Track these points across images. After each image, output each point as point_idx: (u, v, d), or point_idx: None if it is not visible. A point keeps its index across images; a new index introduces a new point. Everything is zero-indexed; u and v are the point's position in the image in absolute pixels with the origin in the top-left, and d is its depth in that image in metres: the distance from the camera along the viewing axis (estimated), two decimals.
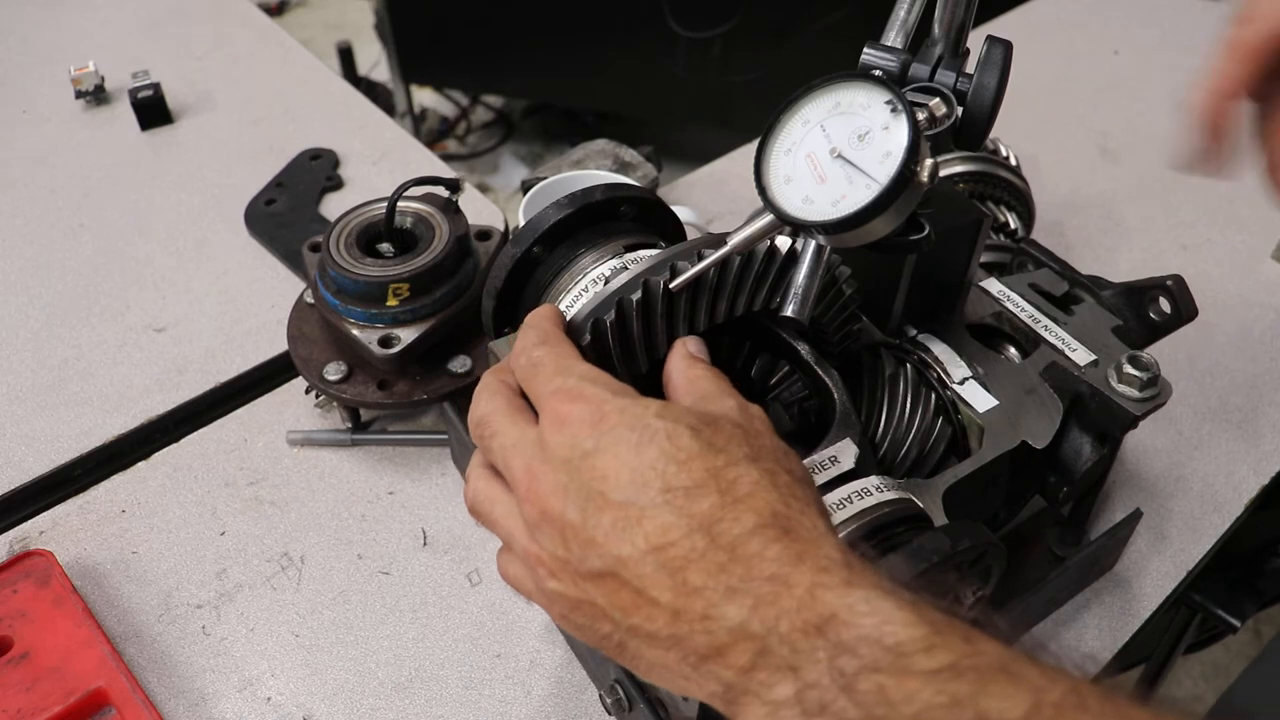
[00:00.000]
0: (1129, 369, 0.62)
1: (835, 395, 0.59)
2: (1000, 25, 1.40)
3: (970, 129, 0.54)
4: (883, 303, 0.66)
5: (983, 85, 0.53)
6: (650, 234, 0.67)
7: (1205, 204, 1.12)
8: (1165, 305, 0.70)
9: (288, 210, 1.06)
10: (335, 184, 1.10)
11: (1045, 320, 0.69)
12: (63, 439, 0.85)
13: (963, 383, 0.65)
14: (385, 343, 0.79)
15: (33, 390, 0.89)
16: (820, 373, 0.60)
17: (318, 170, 1.12)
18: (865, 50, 0.55)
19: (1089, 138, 1.22)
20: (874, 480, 0.55)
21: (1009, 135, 0.91)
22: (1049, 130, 1.22)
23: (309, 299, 0.87)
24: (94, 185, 1.11)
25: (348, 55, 2.55)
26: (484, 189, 2.54)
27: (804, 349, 0.61)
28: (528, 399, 0.51)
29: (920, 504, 0.56)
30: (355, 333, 0.80)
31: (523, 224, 0.66)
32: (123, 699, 0.66)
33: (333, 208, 1.08)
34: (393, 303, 0.79)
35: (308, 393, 0.87)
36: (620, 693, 0.64)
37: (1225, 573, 0.99)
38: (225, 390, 0.90)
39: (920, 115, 0.50)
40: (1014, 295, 0.71)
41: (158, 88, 1.17)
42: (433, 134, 2.79)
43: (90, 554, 0.77)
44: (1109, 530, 0.74)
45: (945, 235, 0.61)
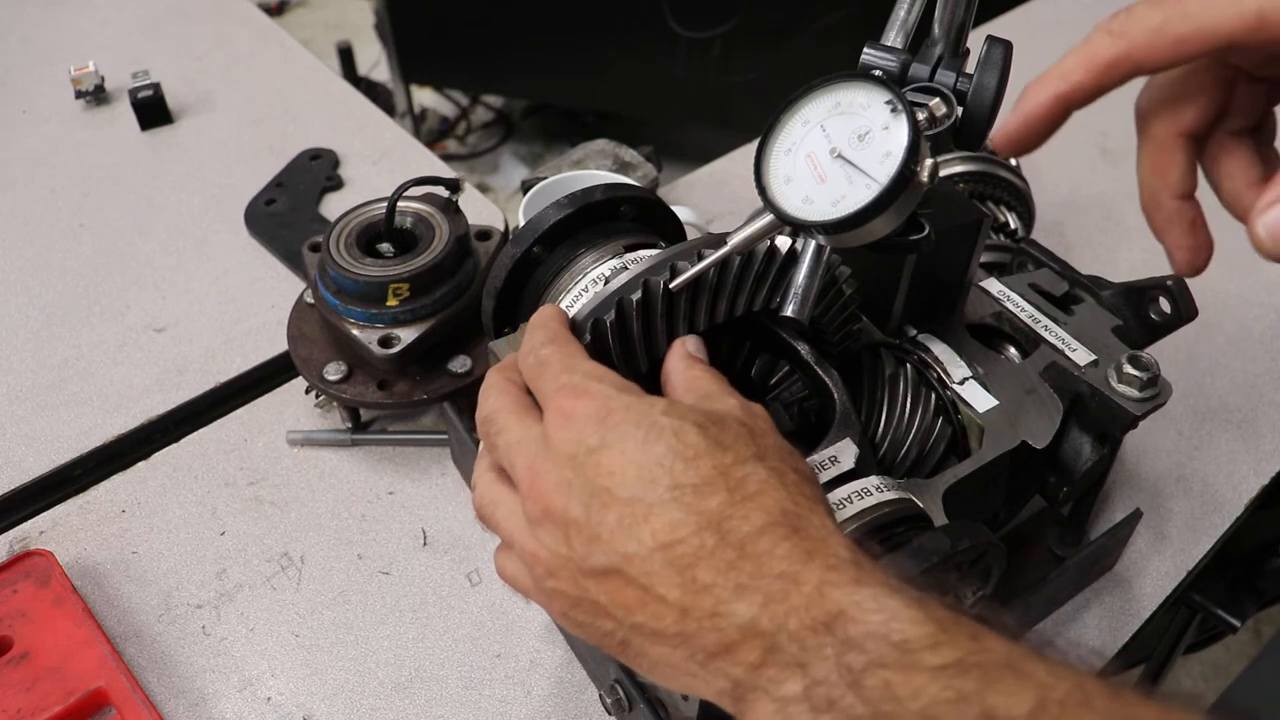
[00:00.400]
0: (1129, 369, 0.62)
1: (835, 395, 0.59)
2: (1000, 25, 1.40)
3: (970, 129, 0.54)
4: (883, 303, 0.66)
5: (983, 85, 0.53)
6: (650, 234, 0.67)
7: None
8: (1165, 305, 0.70)
9: (288, 210, 1.06)
10: (335, 184, 1.10)
11: (1045, 320, 0.69)
12: (63, 439, 0.85)
13: (963, 383, 0.65)
14: (385, 343, 0.79)
15: (33, 390, 0.89)
16: (820, 373, 0.60)
17: (318, 170, 1.11)
18: (865, 50, 0.55)
19: (1089, 138, 1.22)
20: (874, 480, 0.55)
21: None
22: None
23: (309, 299, 0.87)
24: (94, 185, 1.11)
25: (348, 55, 2.55)
26: (484, 189, 2.54)
27: (804, 349, 0.61)
28: (535, 397, 0.51)
29: (920, 504, 0.56)
30: (355, 333, 0.80)
31: (523, 224, 0.66)
32: (123, 699, 0.66)
33: (333, 208, 1.08)
34: (393, 303, 0.79)
35: (308, 393, 0.87)
36: (620, 693, 0.64)
37: (1225, 573, 0.99)
38: (225, 390, 0.90)
39: (920, 115, 0.50)
40: (1014, 295, 0.71)
41: (158, 88, 1.17)
42: (433, 134, 2.79)
43: (90, 554, 0.77)
44: (1109, 530, 0.74)
45: (945, 235, 0.61)
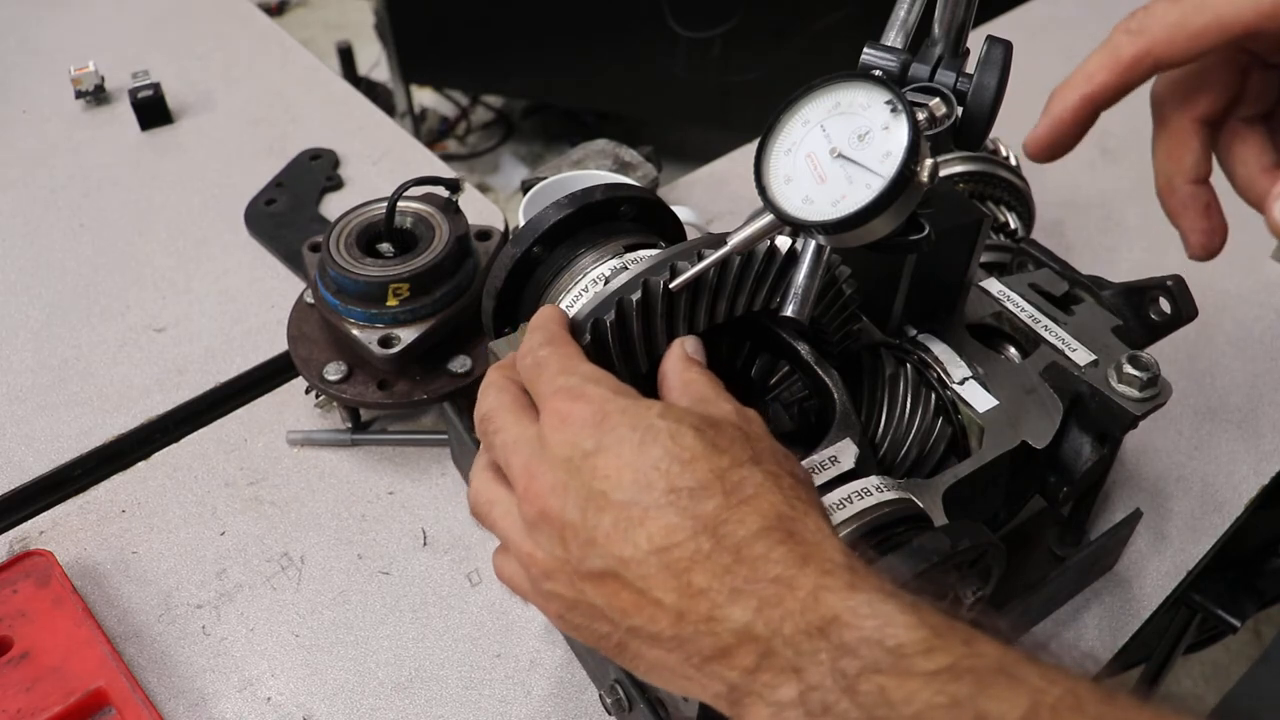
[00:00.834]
0: (1129, 369, 0.62)
1: (835, 395, 0.59)
2: (1000, 25, 1.40)
3: (970, 129, 0.54)
4: (883, 303, 0.66)
5: (983, 85, 0.53)
6: (650, 234, 0.67)
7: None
8: (1165, 305, 0.70)
9: (288, 210, 1.06)
10: (335, 184, 1.10)
11: (1045, 320, 0.69)
12: (63, 439, 0.85)
13: (963, 383, 0.65)
14: (385, 343, 0.79)
15: (33, 390, 0.89)
16: (820, 373, 0.60)
17: (318, 170, 1.11)
18: (865, 50, 0.55)
19: (1089, 137, 1.21)
20: (874, 480, 0.55)
21: (1009, 135, 0.90)
22: None
23: (309, 299, 0.87)
24: (94, 185, 1.10)
25: (348, 55, 2.55)
26: (484, 189, 2.54)
27: (804, 349, 0.61)
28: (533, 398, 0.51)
29: (920, 504, 0.56)
30: (355, 333, 0.80)
31: (523, 224, 0.66)
32: (123, 699, 0.66)
33: (333, 208, 1.08)
34: (393, 303, 0.79)
35: (308, 393, 0.87)
36: (620, 693, 0.64)
37: (1225, 573, 0.99)
38: (225, 390, 0.90)
39: (920, 115, 0.50)
40: (1014, 295, 0.71)
41: (158, 88, 1.17)
42: (433, 134, 2.79)
43: (90, 554, 0.77)
44: (1109, 530, 0.74)
45: (945, 235, 0.61)
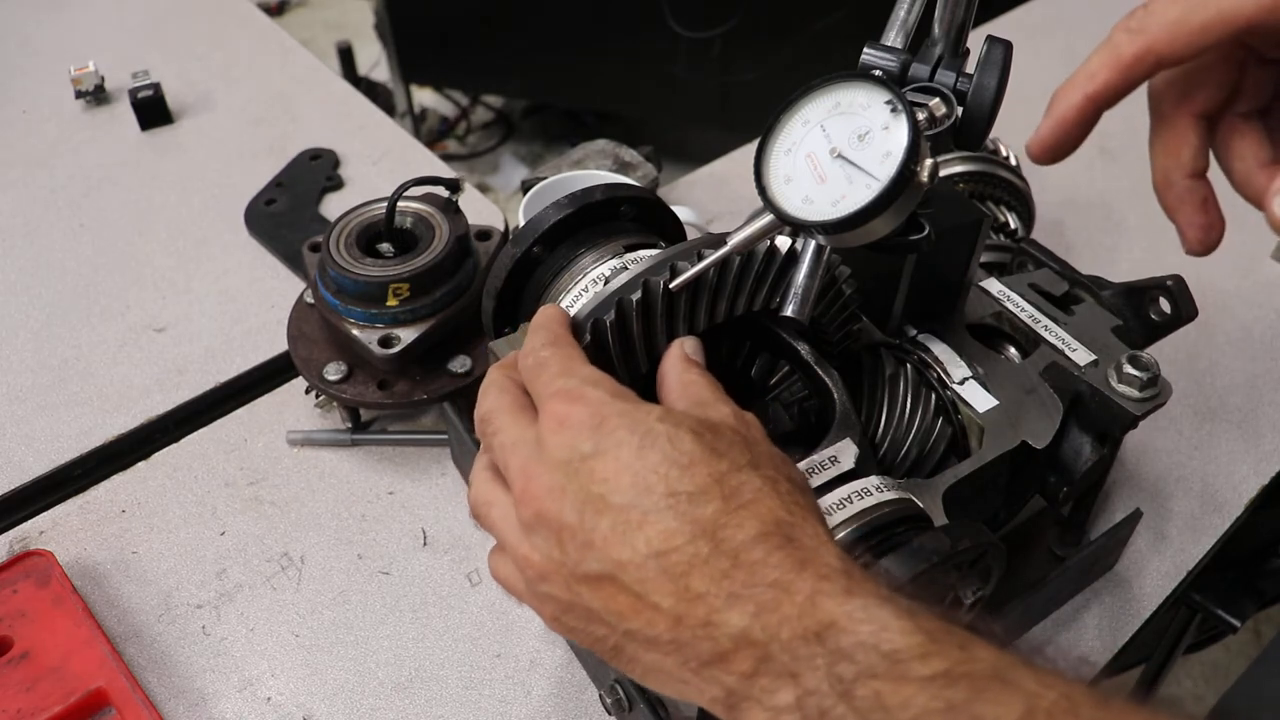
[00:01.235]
0: (1129, 369, 0.62)
1: (835, 395, 0.59)
2: (1000, 25, 1.40)
3: (970, 129, 0.54)
4: (883, 303, 0.66)
5: (983, 85, 0.53)
6: (650, 234, 0.67)
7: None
8: (1165, 305, 0.70)
9: (288, 210, 1.06)
10: (335, 184, 1.10)
11: (1045, 320, 0.69)
12: (63, 439, 0.85)
13: (963, 383, 0.65)
14: (385, 343, 0.79)
15: (33, 390, 0.89)
16: (820, 373, 0.60)
17: (318, 170, 1.11)
18: (865, 50, 0.55)
19: (1089, 138, 1.21)
20: (874, 480, 0.55)
21: (1009, 135, 0.90)
22: None
23: (309, 299, 0.87)
24: (94, 185, 1.10)
25: (348, 55, 2.55)
26: (484, 189, 2.54)
27: (804, 349, 0.61)
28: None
29: (920, 504, 0.56)
30: (355, 333, 0.80)
31: (523, 224, 0.66)
32: (123, 699, 0.66)
33: (333, 208, 1.08)
34: (393, 303, 0.79)
35: (308, 393, 0.87)
36: (620, 693, 0.64)
37: (1225, 573, 0.99)
38: (225, 390, 0.90)
39: (920, 115, 0.50)
40: (1014, 295, 0.71)
41: (158, 88, 1.17)
42: (433, 134, 2.79)
43: (90, 554, 0.77)
44: (1109, 530, 0.74)
45: (945, 235, 0.61)
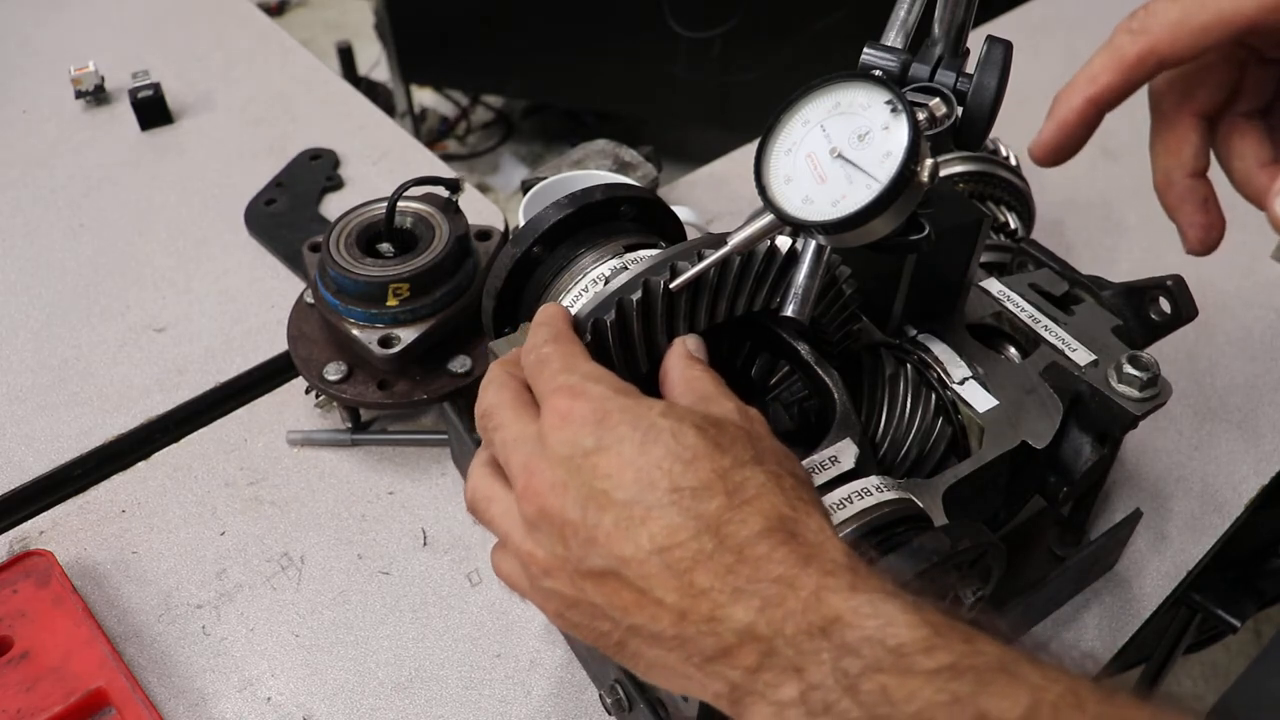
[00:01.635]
0: (1129, 369, 0.62)
1: (835, 395, 0.59)
2: (1000, 25, 1.40)
3: (970, 129, 0.54)
4: (883, 303, 0.66)
5: (983, 85, 0.53)
6: (650, 234, 0.67)
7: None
8: (1165, 305, 0.70)
9: (288, 210, 1.06)
10: (335, 184, 1.10)
11: (1045, 320, 0.69)
12: (63, 439, 0.85)
13: (963, 383, 0.65)
14: (385, 343, 0.79)
15: (33, 390, 0.89)
16: (820, 373, 0.60)
17: (318, 170, 1.11)
18: (865, 50, 0.55)
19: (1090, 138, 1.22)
20: (874, 480, 0.55)
21: (1009, 135, 0.90)
22: None
23: (309, 299, 0.87)
24: (94, 185, 1.10)
25: (348, 55, 2.55)
26: (484, 189, 2.54)
27: (804, 349, 0.61)
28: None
29: (920, 504, 0.56)
30: (355, 333, 0.80)
31: (523, 224, 0.66)
32: (123, 699, 0.66)
33: (333, 208, 1.08)
34: (393, 303, 0.79)
35: (308, 393, 0.87)
36: (620, 693, 0.64)
37: (1225, 573, 0.99)
38: (225, 390, 0.90)
39: (920, 115, 0.50)
40: (1014, 295, 0.71)
41: (158, 88, 1.17)
42: (433, 134, 2.79)
43: (90, 554, 0.77)
44: (1109, 530, 0.74)
45: (945, 235, 0.61)
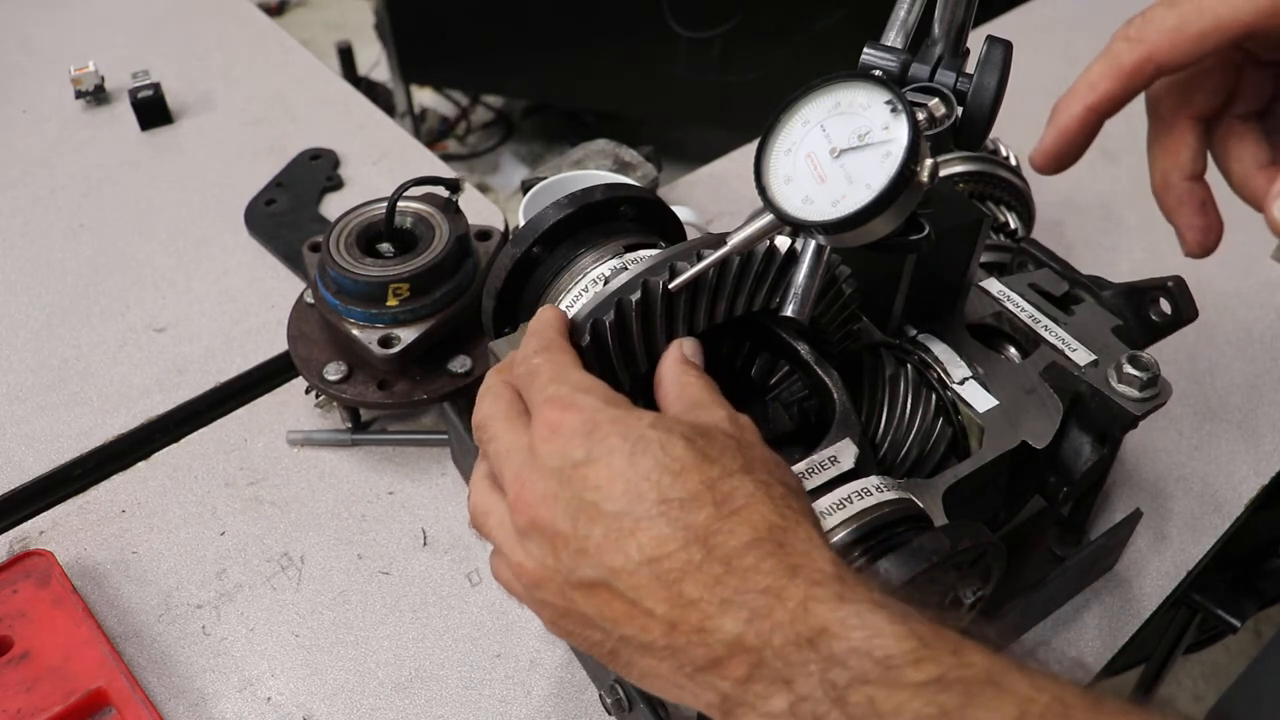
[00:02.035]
0: (1129, 369, 0.62)
1: (835, 395, 0.59)
2: (1000, 25, 1.40)
3: (970, 129, 0.54)
4: (883, 303, 0.66)
5: (983, 85, 0.53)
6: (650, 234, 0.67)
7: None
8: (1165, 306, 0.70)
9: (288, 210, 1.06)
10: (335, 184, 1.10)
11: (1045, 320, 0.69)
12: (63, 439, 0.85)
13: (963, 383, 0.65)
14: (385, 343, 0.79)
15: (33, 390, 0.89)
16: (820, 373, 0.60)
17: (318, 170, 1.11)
18: (865, 50, 0.55)
19: None
20: (874, 480, 0.55)
21: (1009, 135, 0.90)
22: None
23: (309, 299, 0.87)
24: (94, 185, 1.10)
25: (348, 55, 2.55)
26: (484, 189, 2.54)
27: (804, 349, 0.61)
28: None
29: (920, 504, 0.56)
30: (355, 333, 0.80)
31: (523, 224, 0.66)
32: (123, 699, 0.66)
33: (333, 208, 1.08)
34: (393, 303, 0.79)
35: (308, 393, 0.87)
36: (620, 693, 0.64)
37: (1225, 573, 0.99)
38: (225, 390, 0.90)
39: (920, 115, 0.50)
40: (1014, 295, 0.71)
41: (158, 88, 1.17)
42: (433, 134, 2.79)
43: (90, 554, 0.77)
44: (1109, 530, 0.74)
45: (945, 235, 0.61)
